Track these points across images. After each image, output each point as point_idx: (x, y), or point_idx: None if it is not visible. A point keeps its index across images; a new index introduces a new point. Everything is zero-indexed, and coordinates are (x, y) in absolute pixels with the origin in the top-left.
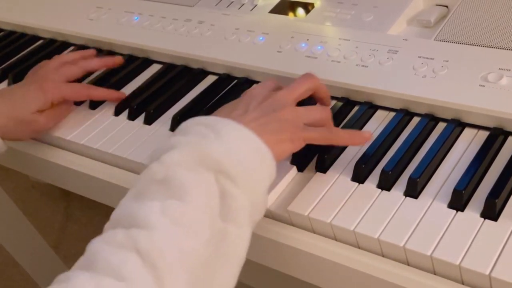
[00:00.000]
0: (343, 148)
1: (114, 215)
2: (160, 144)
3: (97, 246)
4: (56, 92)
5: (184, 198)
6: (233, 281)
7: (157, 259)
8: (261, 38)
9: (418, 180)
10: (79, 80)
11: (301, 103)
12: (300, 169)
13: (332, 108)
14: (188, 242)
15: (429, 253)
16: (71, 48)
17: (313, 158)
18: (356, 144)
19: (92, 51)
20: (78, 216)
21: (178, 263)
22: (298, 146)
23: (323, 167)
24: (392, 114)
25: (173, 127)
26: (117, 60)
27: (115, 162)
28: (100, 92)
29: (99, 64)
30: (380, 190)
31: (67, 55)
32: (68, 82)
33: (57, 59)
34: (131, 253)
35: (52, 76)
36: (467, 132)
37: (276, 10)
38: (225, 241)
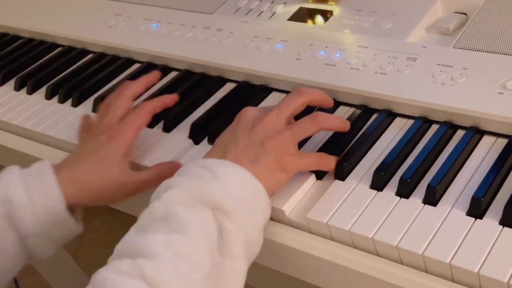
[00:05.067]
0: (362, 156)
1: (118, 248)
2: (161, 185)
3: (104, 275)
4: (125, 130)
5: (184, 232)
6: None
7: (162, 285)
8: (280, 45)
9: (436, 187)
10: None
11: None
12: (319, 177)
13: (350, 116)
14: (190, 274)
15: (447, 261)
16: (90, 55)
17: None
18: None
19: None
20: (97, 225)
21: None
22: (291, 174)
23: (342, 175)
24: (411, 121)
25: (191, 135)
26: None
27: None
28: (157, 103)
29: (160, 104)
30: (398, 197)
31: (131, 90)
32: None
33: (122, 102)
34: (138, 281)
35: (117, 120)
36: (486, 140)
37: (295, 17)
38: (223, 275)
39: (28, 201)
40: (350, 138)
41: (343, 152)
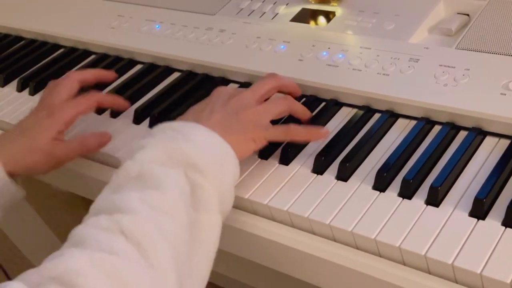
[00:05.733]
0: (364, 157)
1: (93, 207)
2: (131, 146)
3: (83, 231)
4: (64, 110)
5: (160, 188)
6: (210, 265)
7: (140, 238)
8: (282, 46)
9: (439, 188)
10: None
11: None
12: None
13: (353, 117)
14: (167, 225)
15: (450, 262)
16: (92, 56)
17: (332, 162)
18: (314, 140)
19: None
20: None
21: (160, 242)
22: (260, 144)
23: (344, 176)
24: (413, 122)
25: None
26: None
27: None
28: (108, 98)
29: (110, 99)
30: (401, 198)
31: (79, 74)
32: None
33: (67, 83)
34: (116, 234)
35: (60, 99)
36: (488, 141)
37: (298, 18)
38: (199, 229)
39: None
40: (352, 139)
41: (345, 152)
